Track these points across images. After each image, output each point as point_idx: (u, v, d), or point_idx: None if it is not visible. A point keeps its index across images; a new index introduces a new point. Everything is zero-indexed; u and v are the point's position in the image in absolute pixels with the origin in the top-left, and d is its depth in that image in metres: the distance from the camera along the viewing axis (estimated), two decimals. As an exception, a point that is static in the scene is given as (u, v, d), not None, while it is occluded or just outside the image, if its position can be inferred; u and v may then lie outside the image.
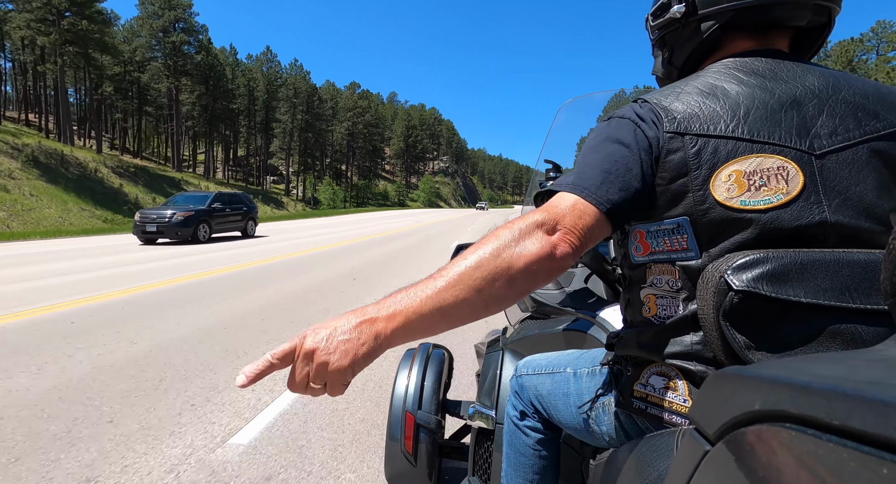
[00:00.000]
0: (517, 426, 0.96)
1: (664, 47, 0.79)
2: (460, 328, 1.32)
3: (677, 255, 0.60)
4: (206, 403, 2.62)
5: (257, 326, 4.15)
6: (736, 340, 0.52)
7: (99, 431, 2.24)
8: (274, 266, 7.98)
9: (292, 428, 2.37)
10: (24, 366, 3.06)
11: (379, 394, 2.82)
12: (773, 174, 0.57)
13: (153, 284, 6.04)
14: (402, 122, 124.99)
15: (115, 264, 7.89)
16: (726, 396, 0.33)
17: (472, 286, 0.55)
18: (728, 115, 0.60)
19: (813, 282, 0.51)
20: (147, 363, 3.19)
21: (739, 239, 0.57)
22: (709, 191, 0.58)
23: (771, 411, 0.27)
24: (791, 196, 0.56)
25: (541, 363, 0.95)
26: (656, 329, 0.63)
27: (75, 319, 4.25)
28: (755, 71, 0.64)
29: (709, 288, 0.55)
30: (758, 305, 0.52)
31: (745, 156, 0.58)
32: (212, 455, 2.08)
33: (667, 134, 0.60)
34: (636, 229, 0.65)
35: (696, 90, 0.64)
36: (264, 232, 16.59)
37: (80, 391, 2.69)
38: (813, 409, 0.24)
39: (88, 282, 6.11)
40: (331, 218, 31.91)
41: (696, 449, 0.35)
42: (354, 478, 1.95)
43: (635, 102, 0.66)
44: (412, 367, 1.45)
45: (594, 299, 1.24)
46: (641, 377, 0.66)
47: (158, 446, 2.13)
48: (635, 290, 0.67)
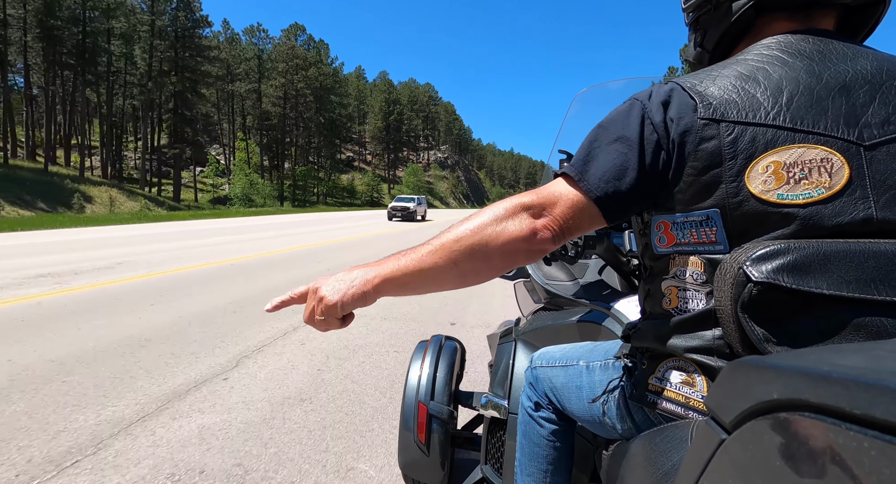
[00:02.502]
0: (532, 417, 0.96)
1: (697, 30, 0.75)
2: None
3: (704, 247, 0.58)
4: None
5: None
6: (755, 333, 0.51)
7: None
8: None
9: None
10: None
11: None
12: (816, 166, 0.53)
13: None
14: (382, 95, 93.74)
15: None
16: (743, 385, 0.33)
17: (450, 258, 0.61)
18: (769, 102, 0.56)
19: (836, 273, 0.49)
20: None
21: (774, 235, 0.54)
22: (743, 182, 0.55)
23: (790, 400, 0.27)
24: (833, 191, 0.53)
25: (555, 356, 0.95)
26: (677, 322, 0.61)
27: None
28: (801, 52, 0.60)
29: (727, 279, 0.53)
30: (778, 296, 0.50)
31: (786, 146, 0.54)
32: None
33: (701, 120, 0.57)
34: (660, 219, 0.63)
35: (734, 74, 0.60)
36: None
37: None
38: (834, 398, 0.24)
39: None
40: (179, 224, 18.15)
41: (711, 438, 0.35)
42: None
43: (664, 84, 0.63)
44: (424, 358, 1.48)
45: (609, 291, 1.22)
46: (657, 371, 0.65)
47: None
48: (656, 281, 0.65)
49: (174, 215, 24.61)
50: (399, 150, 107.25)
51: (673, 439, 0.57)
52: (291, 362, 3.12)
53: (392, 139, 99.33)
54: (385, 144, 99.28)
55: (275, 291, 5.23)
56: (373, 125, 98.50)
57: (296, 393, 2.64)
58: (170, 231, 14.01)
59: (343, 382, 2.82)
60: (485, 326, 3.96)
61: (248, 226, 17.75)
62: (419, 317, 4.46)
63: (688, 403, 0.60)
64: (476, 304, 5.14)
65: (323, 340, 3.57)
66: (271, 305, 0.68)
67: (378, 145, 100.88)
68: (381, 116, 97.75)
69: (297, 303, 0.68)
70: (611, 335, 1.05)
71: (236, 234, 13.64)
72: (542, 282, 1.41)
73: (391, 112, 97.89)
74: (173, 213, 26.65)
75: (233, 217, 25.36)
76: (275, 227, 17.69)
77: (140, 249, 9.07)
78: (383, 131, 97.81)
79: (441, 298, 5.18)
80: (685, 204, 0.59)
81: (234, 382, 2.75)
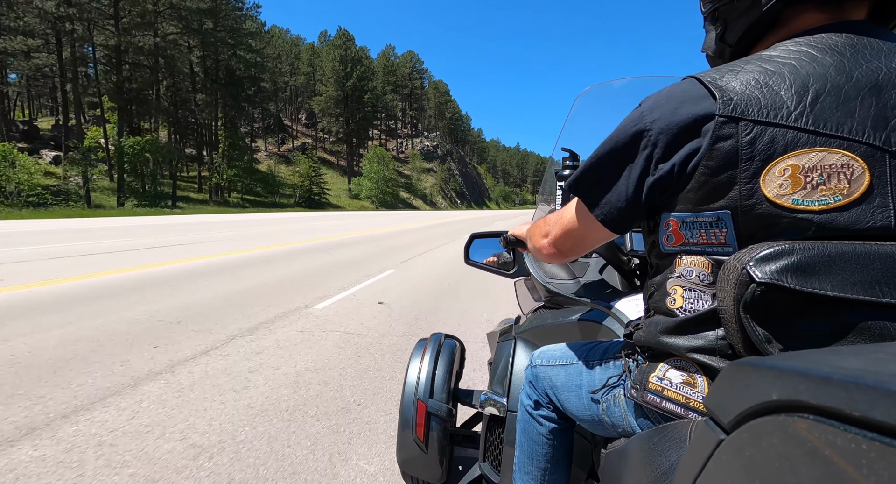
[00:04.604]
0: (531, 415, 0.97)
1: (716, 22, 0.71)
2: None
3: (713, 248, 0.58)
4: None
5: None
6: (756, 334, 0.51)
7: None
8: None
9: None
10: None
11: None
12: (836, 172, 0.51)
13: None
14: (336, 51, 66.34)
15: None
16: (743, 386, 0.33)
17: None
18: (793, 100, 0.54)
19: (841, 275, 0.49)
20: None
21: (785, 239, 0.53)
22: (758, 185, 0.54)
23: (789, 402, 0.27)
24: (851, 198, 0.51)
25: (555, 354, 0.95)
26: (680, 322, 0.61)
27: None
28: (832, 47, 0.56)
29: (730, 279, 0.52)
30: (780, 297, 0.50)
31: (806, 149, 0.52)
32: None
33: (720, 118, 0.55)
34: (669, 218, 0.62)
35: (757, 69, 0.57)
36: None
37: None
38: (833, 399, 0.24)
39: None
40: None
41: (710, 438, 0.35)
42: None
43: (678, 85, 0.62)
44: (424, 356, 1.47)
45: (609, 290, 1.20)
46: (658, 370, 0.65)
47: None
48: (661, 279, 0.65)
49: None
50: (364, 132, 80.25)
51: (672, 439, 0.57)
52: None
53: (351, 115, 72.42)
54: (342, 122, 72.36)
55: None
56: (325, 95, 71.55)
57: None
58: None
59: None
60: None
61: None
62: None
63: (688, 404, 0.60)
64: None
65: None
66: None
67: (332, 122, 73.83)
68: (334, 82, 70.60)
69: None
70: (611, 334, 1.05)
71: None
72: (542, 280, 1.30)
73: (349, 75, 70.88)
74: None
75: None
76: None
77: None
78: (340, 104, 71.04)
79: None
80: (696, 204, 0.58)
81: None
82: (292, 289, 5.61)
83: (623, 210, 0.63)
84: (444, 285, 6.19)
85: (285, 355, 3.22)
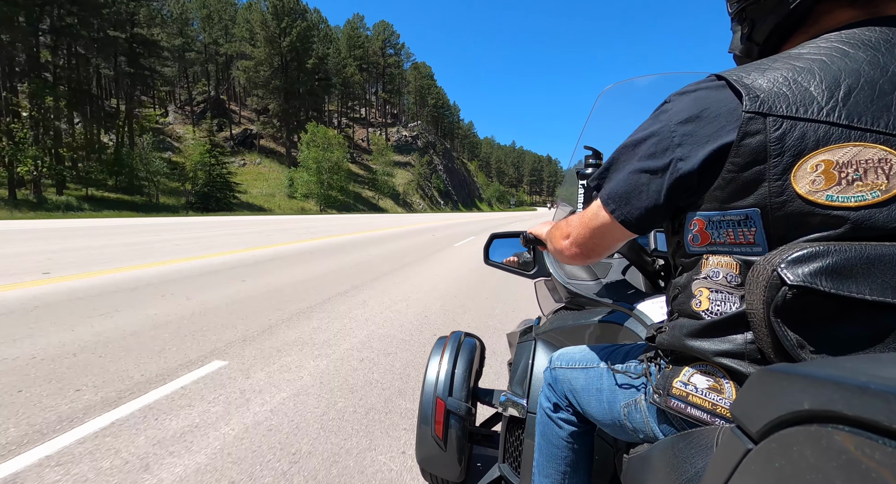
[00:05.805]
0: (551, 418, 0.95)
1: (744, 21, 0.70)
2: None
3: (741, 248, 0.56)
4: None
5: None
6: (788, 339, 0.49)
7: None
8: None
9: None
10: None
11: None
12: (873, 167, 0.50)
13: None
14: (269, 3, 49.30)
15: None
16: (772, 394, 0.32)
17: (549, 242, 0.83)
18: (823, 96, 0.52)
19: (881, 278, 0.47)
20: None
21: (817, 237, 0.52)
22: (789, 181, 0.52)
23: (822, 412, 0.26)
24: (890, 194, 0.49)
25: (575, 357, 0.93)
26: (707, 324, 0.59)
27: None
28: (865, 42, 0.55)
29: (759, 282, 0.51)
30: (814, 301, 0.48)
31: (840, 144, 0.51)
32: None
33: (746, 114, 0.54)
34: (695, 217, 0.60)
35: (786, 66, 0.56)
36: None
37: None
38: (870, 411, 0.23)
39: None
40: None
41: (736, 447, 0.34)
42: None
43: (702, 82, 0.60)
44: (443, 354, 1.48)
45: (632, 291, 1.19)
46: (682, 375, 0.63)
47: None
48: (686, 281, 0.63)
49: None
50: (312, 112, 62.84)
51: (697, 445, 0.55)
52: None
53: (290, 86, 54.97)
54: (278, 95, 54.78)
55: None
56: (254, 60, 53.93)
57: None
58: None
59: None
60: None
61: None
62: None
63: (714, 410, 0.58)
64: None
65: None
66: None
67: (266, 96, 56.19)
68: (265, 41, 52.57)
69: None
70: (633, 336, 1.04)
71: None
72: (563, 281, 1.31)
73: (285, 32, 52.76)
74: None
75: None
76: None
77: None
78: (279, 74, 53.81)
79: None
80: (722, 202, 0.56)
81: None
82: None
83: (647, 210, 0.61)
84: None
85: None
